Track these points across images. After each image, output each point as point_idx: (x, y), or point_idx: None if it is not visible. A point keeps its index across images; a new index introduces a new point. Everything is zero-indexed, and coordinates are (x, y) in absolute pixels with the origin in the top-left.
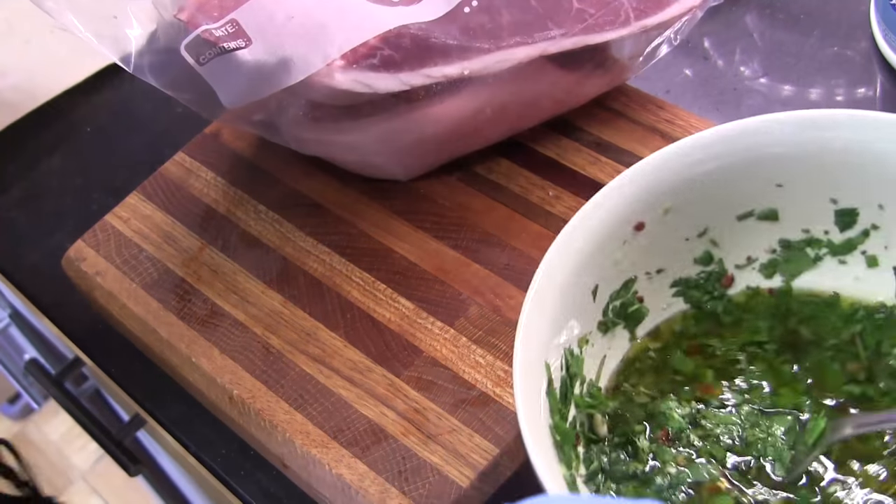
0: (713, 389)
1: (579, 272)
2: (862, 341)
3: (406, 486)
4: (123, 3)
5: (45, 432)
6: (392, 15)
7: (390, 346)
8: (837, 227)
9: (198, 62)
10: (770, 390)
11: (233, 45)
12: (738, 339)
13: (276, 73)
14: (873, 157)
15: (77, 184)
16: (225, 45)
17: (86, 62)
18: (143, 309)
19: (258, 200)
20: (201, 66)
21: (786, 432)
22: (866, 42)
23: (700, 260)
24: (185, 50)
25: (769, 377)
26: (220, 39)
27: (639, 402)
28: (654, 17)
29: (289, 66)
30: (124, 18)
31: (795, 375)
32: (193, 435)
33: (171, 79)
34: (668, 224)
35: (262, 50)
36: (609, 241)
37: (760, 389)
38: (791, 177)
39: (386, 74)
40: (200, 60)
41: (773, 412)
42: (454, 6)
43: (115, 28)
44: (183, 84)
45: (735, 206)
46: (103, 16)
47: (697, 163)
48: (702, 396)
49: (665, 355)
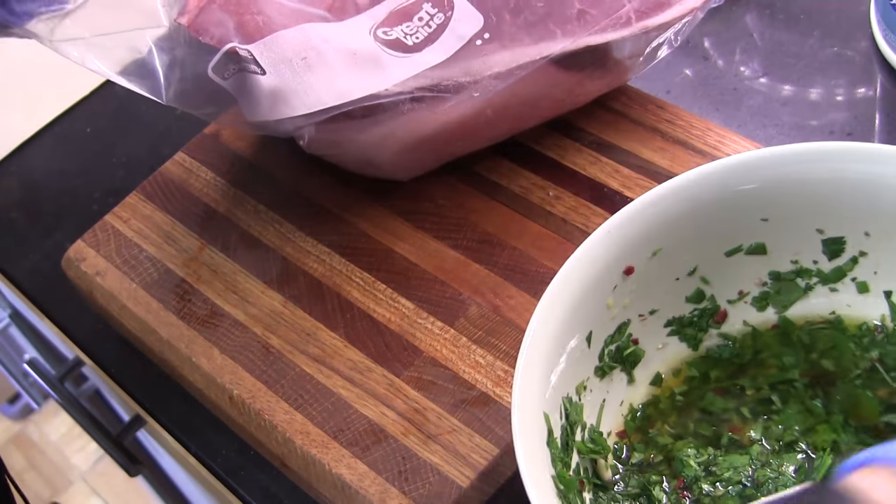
0: (741, 429)
1: (572, 320)
2: (883, 365)
3: (406, 486)
4: (142, 34)
5: (45, 432)
6: (407, 65)
7: (390, 346)
8: (826, 255)
9: (222, 77)
10: (802, 430)
11: (252, 68)
12: (767, 378)
13: (289, 100)
14: (855, 186)
15: (77, 184)
16: (245, 65)
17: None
18: (143, 309)
19: (258, 200)
20: (225, 80)
21: (796, 470)
22: (866, 42)
23: (692, 298)
24: (212, 70)
25: (801, 417)
26: (242, 59)
27: (661, 442)
28: (655, 17)
29: (302, 98)
30: (146, 50)
31: (828, 410)
32: (193, 435)
33: (194, 98)
34: (658, 266)
35: (277, 81)
36: (600, 287)
37: (792, 429)
38: (775, 211)
39: None
40: (225, 76)
41: (786, 450)
42: (465, 42)
43: (140, 62)
44: (202, 101)
45: (722, 243)
46: (126, 52)
47: (680, 203)
48: (731, 437)
49: (692, 397)
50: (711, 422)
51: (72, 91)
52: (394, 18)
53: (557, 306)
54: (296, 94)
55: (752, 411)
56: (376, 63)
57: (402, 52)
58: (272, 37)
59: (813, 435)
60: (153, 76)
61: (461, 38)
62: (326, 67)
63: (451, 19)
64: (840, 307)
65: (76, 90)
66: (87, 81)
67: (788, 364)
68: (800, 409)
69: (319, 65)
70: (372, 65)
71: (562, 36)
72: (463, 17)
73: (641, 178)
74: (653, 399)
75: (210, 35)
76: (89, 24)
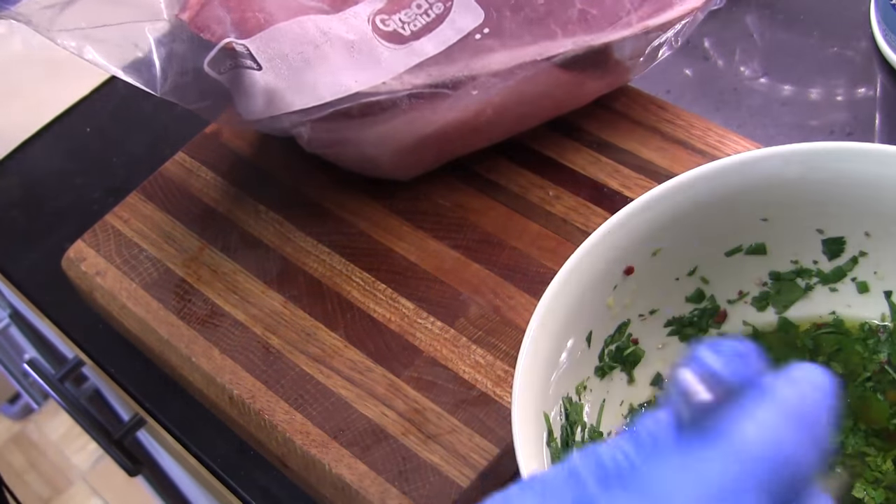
0: None
1: (572, 320)
2: (893, 367)
3: (406, 486)
4: (141, 26)
5: (45, 432)
6: (403, 55)
7: (390, 346)
8: (826, 255)
9: (218, 73)
10: None
11: (248, 63)
12: None
13: (285, 96)
14: (855, 186)
15: (77, 184)
16: (241, 60)
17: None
18: (143, 309)
19: (258, 200)
20: (221, 75)
21: None
22: (866, 42)
23: (692, 298)
24: (208, 65)
25: None
26: (238, 55)
27: None
28: (656, 18)
29: (298, 94)
30: (144, 43)
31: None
32: (193, 435)
33: (190, 93)
34: (658, 265)
35: (273, 76)
36: (600, 287)
37: None
38: (775, 211)
39: None
40: (220, 71)
41: None
42: (464, 36)
43: (138, 55)
44: (198, 96)
45: (722, 243)
46: (125, 44)
47: (680, 203)
48: None
49: None
50: None
51: (72, 91)
52: (392, 5)
53: (557, 306)
54: (291, 90)
55: None
56: (373, 55)
57: (398, 44)
58: (269, 30)
59: None
60: (150, 69)
61: (459, 31)
62: (323, 62)
63: (450, 10)
64: (840, 307)
65: (76, 90)
66: (87, 81)
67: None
68: None
69: (316, 59)
70: (369, 57)
71: (562, 36)
72: (463, 9)
73: (641, 178)
74: (656, 401)
75: (211, 32)
76: (88, 15)
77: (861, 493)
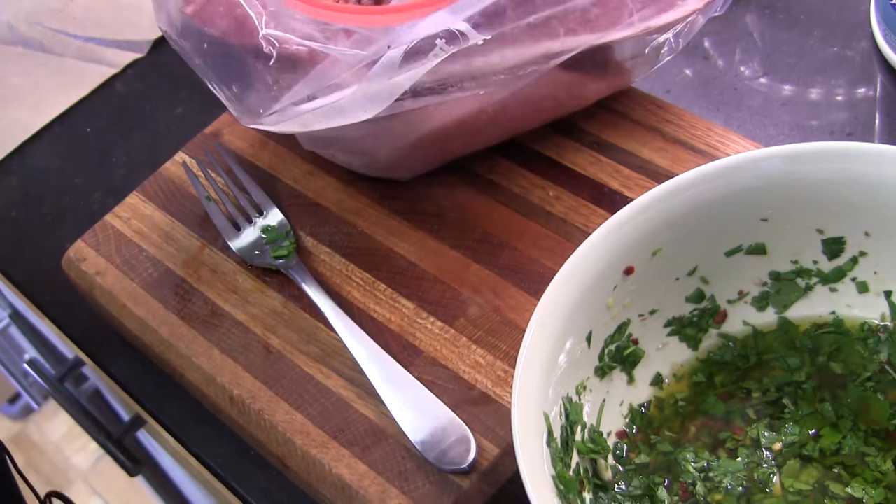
0: (743, 432)
1: (572, 320)
2: (893, 367)
3: (406, 486)
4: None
5: (45, 432)
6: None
7: (390, 346)
8: (826, 256)
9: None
10: (814, 433)
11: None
12: (774, 381)
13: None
14: (855, 186)
15: (77, 184)
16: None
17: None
18: (143, 309)
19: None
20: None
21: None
22: (866, 42)
23: (692, 298)
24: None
25: (810, 420)
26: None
27: (661, 450)
28: (657, 18)
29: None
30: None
31: (838, 413)
32: (193, 435)
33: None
34: (658, 266)
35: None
36: (600, 287)
37: (798, 433)
38: (775, 211)
39: None
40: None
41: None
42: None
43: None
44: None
45: (722, 243)
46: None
47: (680, 203)
48: (735, 439)
49: (696, 401)
50: (714, 426)
51: (72, 91)
52: None
53: (557, 306)
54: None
55: (758, 414)
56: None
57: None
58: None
59: (819, 439)
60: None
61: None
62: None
63: None
64: (840, 307)
65: (76, 90)
66: (87, 81)
67: (793, 366)
68: (809, 411)
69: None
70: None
71: (564, 35)
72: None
73: (641, 178)
74: (656, 402)
75: (215, 26)
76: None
77: (861, 493)
